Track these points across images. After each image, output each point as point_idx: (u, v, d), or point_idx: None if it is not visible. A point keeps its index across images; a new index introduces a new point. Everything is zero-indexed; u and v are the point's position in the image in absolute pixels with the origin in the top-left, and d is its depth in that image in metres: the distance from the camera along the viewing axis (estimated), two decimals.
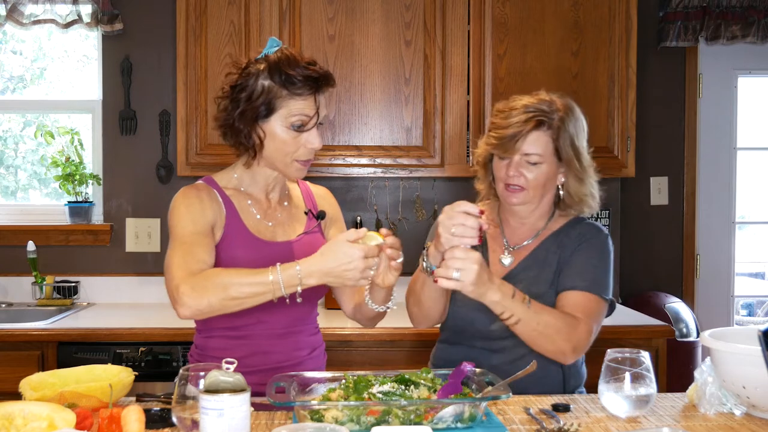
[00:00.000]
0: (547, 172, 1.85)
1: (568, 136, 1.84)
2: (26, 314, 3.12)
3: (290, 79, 1.70)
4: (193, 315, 1.61)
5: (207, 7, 3.00)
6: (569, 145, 1.85)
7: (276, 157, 1.76)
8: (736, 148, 3.71)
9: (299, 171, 1.79)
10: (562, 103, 1.88)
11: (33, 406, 1.43)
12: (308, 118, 1.73)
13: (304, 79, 1.70)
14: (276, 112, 1.72)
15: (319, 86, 1.73)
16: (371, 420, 1.42)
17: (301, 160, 1.76)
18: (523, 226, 1.95)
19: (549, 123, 1.83)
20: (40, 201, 3.57)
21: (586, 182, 1.91)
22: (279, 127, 1.73)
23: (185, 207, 1.74)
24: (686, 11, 3.49)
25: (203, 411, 1.25)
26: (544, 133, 1.83)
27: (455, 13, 3.05)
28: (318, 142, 1.75)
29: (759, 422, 1.52)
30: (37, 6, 3.29)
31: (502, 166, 1.87)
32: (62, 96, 3.52)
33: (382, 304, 1.78)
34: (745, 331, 1.62)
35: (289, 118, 1.72)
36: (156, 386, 2.63)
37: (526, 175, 1.84)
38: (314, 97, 1.73)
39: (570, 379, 1.89)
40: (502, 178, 1.87)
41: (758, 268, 4.10)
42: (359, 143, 3.06)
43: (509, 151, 1.83)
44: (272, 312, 1.76)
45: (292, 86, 1.70)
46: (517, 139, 1.82)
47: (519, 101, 1.88)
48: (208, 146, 3.01)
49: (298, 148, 1.75)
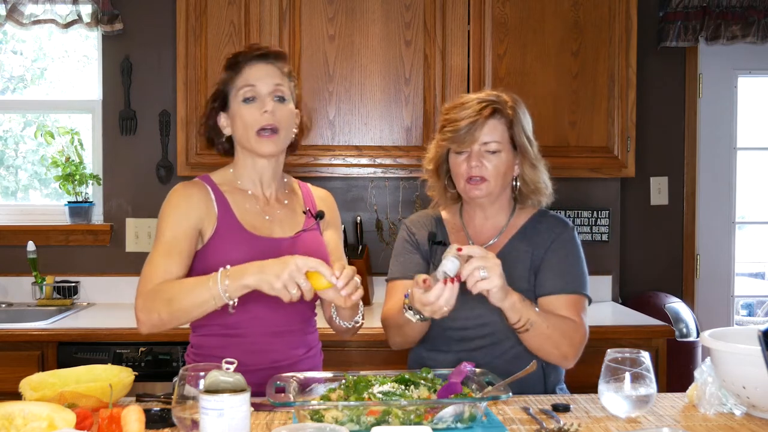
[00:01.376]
0: (506, 160, 1.87)
1: (520, 124, 1.88)
2: (26, 314, 3.12)
3: (233, 60, 1.84)
4: (150, 330, 1.68)
5: (207, 7, 3.00)
6: (522, 133, 1.88)
7: (241, 135, 1.83)
8: (736, 148, 3.70)
9: (263, 143, 1.81)
10: (509, 95, 1.91)
11: (33, 406, 1.43)
12: (253, 88, 1.81)
13: (244, 56, 1.83)
14: (230, 95, 1.84)
15: (258, 57, 1.83)
16: (371, 420, 1.42)
17: (260, 129, 1.80)
18: (486, 222, 1.95)
19: (502, 112, 1.86)
20: (40, 201, 3.57)
21: (540, 169, 1.94)
22: (235, 105, 1.83)
23: (171, 208, 1.80)
24: (686, 11, 3.49)
25: (203, 411, 1.25)
26: (499, 121, 1.86)
27: (455, 13, 3.05)
28: (270, 106, 1.80)
29: (759, 422, 1.52)
30: (37, 6, 3.29)
31: (460, 161, 1.87)
32: (62, 96, 3.52)
33: (349, 320, 1.81)
34: (745, 331, 1.62)
35: (238, 94, 1.82)
36: (156, 386, 2.63)
37: (486, 165, 1.85)
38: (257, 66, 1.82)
39: (550, 375, 1.89)
40: (462, 174, 1.87)
41: (758, 268, 4.10)
42: (359, 143, 3.06)
43: (467, 142, 1.84)
44: (268, 310, 1.76)
45: (236, 65, 1.83)
46: (475, 129, 1.83)
47: (468, 96, 1.90)
48: (208, 146, 3.00)
49: (254, 118, 1.80)
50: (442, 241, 1.95)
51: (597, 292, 3.44)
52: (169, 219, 1.77)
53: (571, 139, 3.09)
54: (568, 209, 3.42)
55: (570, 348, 1.77)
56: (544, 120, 3.07)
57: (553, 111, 3.08)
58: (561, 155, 3.05)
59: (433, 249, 1.95)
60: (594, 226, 3.44)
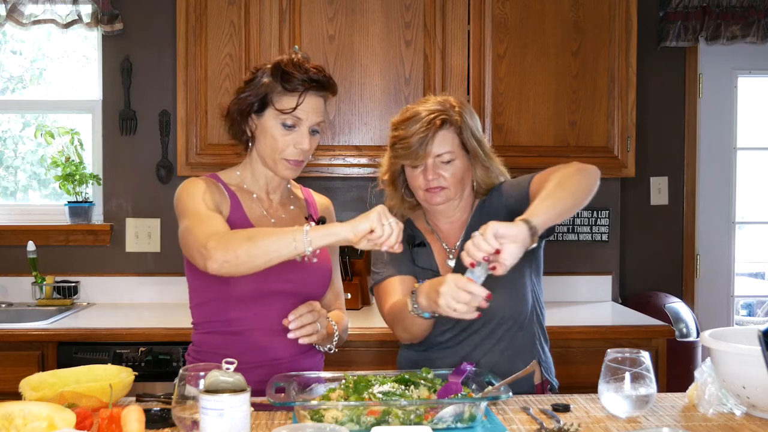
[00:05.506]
0: (461, 166, 1.88)
1: (468, 128, 1.88)
2: (26, 314, 3.11)
3: (287, 76, 1.76)
4: (221, 267, 1.58)
5: (207, 7, 3.00)
6: (472, 136, 1.88)
7: (266, 153, 1.81)
8: (736, 148, 3.71)
9: (287, 170, 1.82)
10: (455, 99, 1.91)
11: (33, 406, 1.42)
12: (298, 120, 1.77)
13: (299, 78, 1.76)
14: (269, 106, 1.78)
15: (315, 87, 1.77)
16: (371, 420, 1.42)
17: (289, 159, 1.80)
18: (452, 225, 1.97)
19: (450, 120, 1.86)
20: (40, 201, 3.57)
21: (492, 169, 1.94)
22: (271, 121, 1.78)
23: (196, 189, 1.77)
24: (686, 11, 3.49)
25: (203, 411, 1.26)
26: (449, 131, 1.86)
27: (455, 13, 3.05)
28: (306, 143, 1.78)
29: (759, 422, 1.52)
30: (37, 6, 3.29)
31: (417, 174, 1.88)
32: (62, 96, 3.52)
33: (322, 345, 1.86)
34: (745, 331, 1.62)
35: (280, 115, 1.76)
36: (156, 386, 2.63)
37: (443, 175, 1.85)
38: (309, 98, 1.77)
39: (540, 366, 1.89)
40: (420, 186, 1.88)
41: (758, 268, 4.10)
42: (359, 143, 3.06)
43: (420, 157, 1.84)
44: (268, 307, 1.77)
45: (287, 83, 1.76)
46: (426, 143, 1.83)
47: (414, 109, 1.89)
48: (208, 146, 3.01)
49: (287, 146, 1.78)
50: (422, 242, 1.96)
51: (597, 292, 3.45)
52: (198, 197, 1.75)
53: (571, 139, 3.09)
54: None
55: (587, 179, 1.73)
56: (544, 120, 3.08)
57: (553, 111, 3.08)
58: (561, 155, 3.05)
59: (414, 251, 1.95)
60: (594, 226, 3.44)
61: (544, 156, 3.07)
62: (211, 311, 1.82)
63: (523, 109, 3.08)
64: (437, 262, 1.94)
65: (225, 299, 1.78)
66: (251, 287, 1.76)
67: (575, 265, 3.46)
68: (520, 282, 1.88)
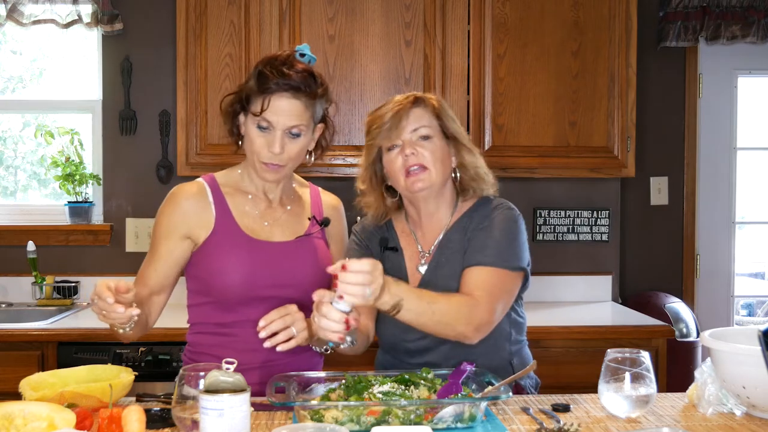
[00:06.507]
0: (440, 146, 1.82)
1: (448, 116, 1.85)
2: (26, 314, 3.11)
3: (261, 77, 1.73)
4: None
5: (207, 7, 3.00)
6: (452, 123, 1.85)
7: (249, 155, 1.80)
8: (736, 148, 3.70)
9: (265, 173, 1.78)
10: (431, 95, 1.89)
11: (33, 406, 1.43)
12: (269, 122, 1.73)
13: (272, 80, 1.71)
14: (249, 108, 1.75)
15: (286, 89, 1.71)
16: (371, 420, 1.42)
17: (266, 162, 1.76)
18: (432, 222, 1.88)
19: (425, 101, 1.83)
20: (40, 201, 3.57)
21: (477, 155, 1.88)
22: (249, 123, 1.77)
23: (164, 216, 1.84)
24: (686, 11, 3.49)
25: (203, 411, 1.26)
26: (424, 110, 1.82)
27: (455, 13, 3.05)
28: (277, 147, 1.73)
29: (759, 422, 1.52)
30: (37, 6, 3.29)
31: (394, 156, 1.81)
32: (62, 96, 3.52)
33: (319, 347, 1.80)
34: (745, 331, 1.62)
35: (255, 118, 1.74)
36: (156, 386, 2.63)
37: (422, 153, 1.79)
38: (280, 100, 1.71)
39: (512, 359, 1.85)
40: (399, 168, 1.80)
41: (758, 268, 4.10)
42: (359, 143, 3.05)
43: (395, 132, 1.79)
44: (259, 310, 1.74)
45: (261, 84, 1.73)
46: (401, 117, 1.79)
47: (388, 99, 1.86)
48: (208, 146, 3.01)
49: (263, 149, 1.75)
50: (395, 247, 1.90)
51: (597, 292, 3.45)
52: (162, 225, 1.84)
53: (571, 139, 3.09)
54: (568, 209, 3.42)
55: (467, 326, 1.66)
56: (544, 120, 3.08)
57: (553, 111, 3.08)
58: (561, 155, 3.05)
59: (385, 255, 1.88)
60: (594, 226, 3.44)
61: (544, 156, 3.07)
62: (204, 312, 1.82)
63: (523, 109, 3.07)
64: (407, 268, 1.87)
65: (217, 301, 1.78)
66: (242, 290, 1.76)
67: (575, 265, 3.46)
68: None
